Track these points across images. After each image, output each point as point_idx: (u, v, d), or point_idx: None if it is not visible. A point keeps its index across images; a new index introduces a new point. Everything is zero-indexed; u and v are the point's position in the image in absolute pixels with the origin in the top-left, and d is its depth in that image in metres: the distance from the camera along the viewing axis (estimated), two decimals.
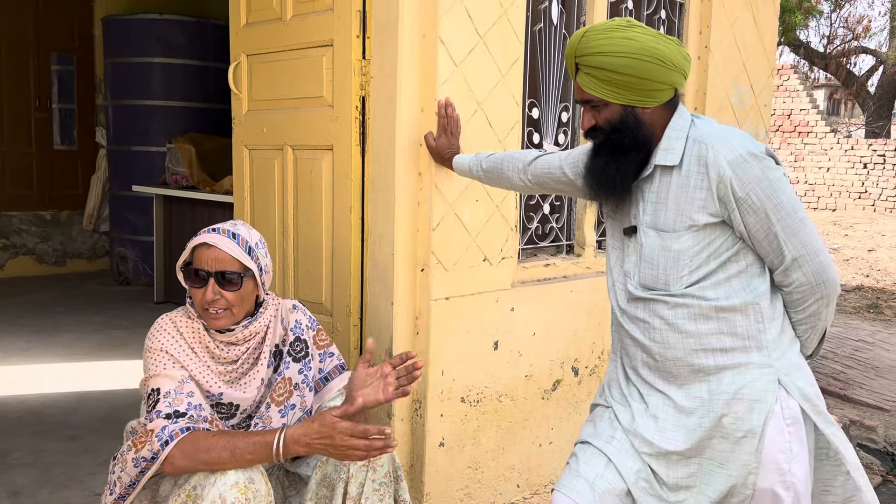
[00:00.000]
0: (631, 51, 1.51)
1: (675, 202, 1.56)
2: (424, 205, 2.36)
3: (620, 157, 1.58)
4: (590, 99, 1.58)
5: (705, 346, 1.58)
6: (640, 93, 1.54)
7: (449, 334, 2.45)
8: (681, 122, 1.58)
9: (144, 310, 5.19)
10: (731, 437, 1.58)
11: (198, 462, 1.62)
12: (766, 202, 1.49)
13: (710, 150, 1.51)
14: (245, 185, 2.83)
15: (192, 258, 1.82)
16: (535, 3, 2.74)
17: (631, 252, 1.65)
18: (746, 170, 1.49)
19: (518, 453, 2.77)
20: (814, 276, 1.54)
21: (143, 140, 5.92)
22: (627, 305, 1.68)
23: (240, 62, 2.77)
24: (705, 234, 1.54)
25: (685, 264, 1.56)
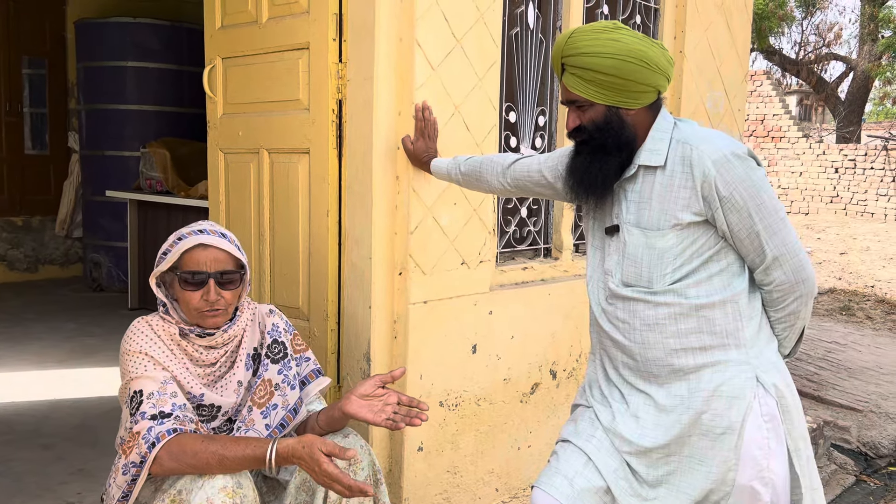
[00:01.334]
0: (617, 52, 1.53)
1: (660, 201, 1.58)
2: (402, 208, 2.35)
3: (603, 156, 1.59)
4: (575, 99, 1.60)
5: (685, 346, 1.60)
6: (625, 94, 1.56)
7: (427, 338, 2.44)
8: (664, 124, 1.61)
9: (118, 316, 5.12)
10: (710, 433, 1.59)
11: (184, 465, 1.60)
12: (749, 201, 1.52)
13: (694, 150, 1.54)
14: (220, 189, 2.80)
15: (180, 262, 1.77)
16: (511, 7, 2.75)
17: (612, 251, 1.66)
18: (730, 169, 1.52)
19: (497, 457, 2.76)
20: (793, 275, 1.57)
21: (116, 145, 5.85)
22: (607, 304, 1.69)
23: (215, 65, 2.75)
24: (689, 232, 1.57)
25: (669, 262, 1.58)
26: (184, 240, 1.77)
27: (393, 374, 1.85)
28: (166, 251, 1.79)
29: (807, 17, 19.32)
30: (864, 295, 7.35)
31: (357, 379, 2.41)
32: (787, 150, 13.79)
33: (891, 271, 8.22)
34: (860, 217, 12.67)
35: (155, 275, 1.79)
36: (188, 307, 1.78)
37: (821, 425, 3.85)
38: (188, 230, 1.81)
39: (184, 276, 1.76)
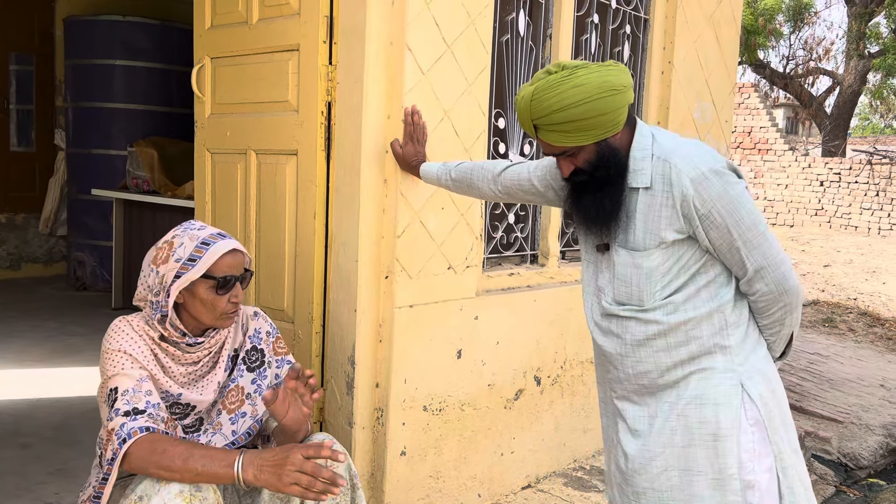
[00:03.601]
0: (587, 96, 1.52)
1: (644, 221, 1.59)
2: (390, 212, 2.35)
3: (609, 188, 1.59)
4: (562, 150, 1.59)
5: (675, 360, 1.62)
6: (607, 126, 1.56)
7: (412, 342, 2.43)
8: (643, 141, 1.60)
9: (102, 316, 5.07)
10: (703, 443, 1.61)
11: (151, 464, 1.59)
12: (728, 218, 1.52)
13: (672, 168, 1.54)
14: (207, 190, 2.79)
15: (212, 268, 1.76)
16: (502, 14, 2.76)
17: (604, 268, 1.69)
18: (708, 187, 1.52)
19: (480, 463, 2.76)
20: (776, 286, 1.58)
21: (103, 143, 5.81)
22: (601, 320, 1.72)
23: (203, 65, 2.74)
24: (674, 250, 1.58)
25: (657, 280, 1.60)
26: (213, 245, 1.76)
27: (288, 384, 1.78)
28: (193, 257, 1.75)
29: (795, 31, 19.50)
30: (847, 307, 7.41)
31: (341, 384, 2.40)
32: (773, 162, 13.90)
33: (873, 284, 8.29)
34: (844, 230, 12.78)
35: (187, 281, 1.74)
36: (214, 311, 1.78)
37: (802, 436, 3.88)
38: (205, 234, 1.79)
39: (220, 280, 1.76)
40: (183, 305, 1.80)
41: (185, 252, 1.76)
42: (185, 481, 1.58)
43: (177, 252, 1.77)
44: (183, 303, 1.79)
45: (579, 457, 3.29)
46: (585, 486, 3.06)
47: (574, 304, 3.11)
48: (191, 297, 1.78)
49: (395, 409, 2.41)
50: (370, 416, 2.42)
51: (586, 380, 3.25)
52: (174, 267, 1.75)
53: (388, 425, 2.41)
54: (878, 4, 16.19)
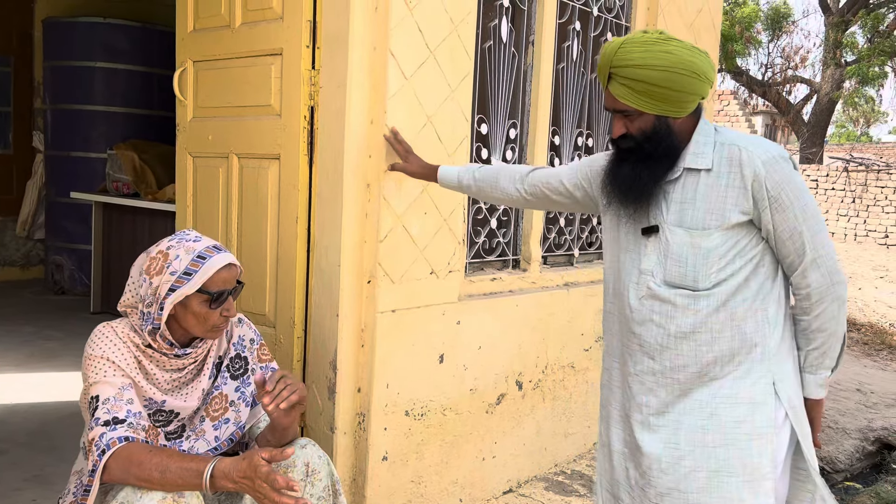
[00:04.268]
0: (670, 65, 1.55)
1: (705, 201, 1.60)
2: (372, 216, 2.35)
3: (652, 164, 1.61)
4: (623, 109, 1.61)
5: (715, 354, 1.62)
6: (675, 104, 1.58)
7: (395, 347, 2.43)
8: (706, 128, 1.64)
9: (80, 320, 5.02)
10: (737, 443, 1.61)
11: (129, 475, 1.58)
12: (795, 202, 1.56)
13: (743, 151, 1.57)
14: (188, 193, 2.77)
15: (208, 282, 1.75)
16: (485, 21, 2.77)
17: (650, 251, 1.67)
18: (778, 170, 1.56)
19: (461, 467, 2.76)
20: (829, 277, 1.59)
21: (82, 146, 5.76)
22: (640, 305, 1.68)
23: (185, 68, 2.73)
24: (733, 232, 1.59)
25: (714, 262, 1.59)
26: (210, 259, 1.75)
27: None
28: (189, 271, 1.73)
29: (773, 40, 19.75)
30: None
31: (323, 389, 2.39)
32: None
33: (850, 290, 8.40)
34: None
35: (182, 295, 1.73)
36: (205, 324, 1.77)
37: None
38: (201, 246, 1.78)
39: (215, 295, 1.75)
40: (174, 317, 1.78)
41: (180, 265, 1.74)
42: (165, 490, 1.57)
43: (172, 264, 1.75)
44: (174, 315, 1.77)
45: (560, 461, 3.30)
46: (566, 490, 3.07)
47: (555, 309, 3.12)
48: (183, 310, 1.76)
49: (377, 413, 2.41)
50: (352, 422, 2.41)
51: (567, 384, 3.26)
52: (169, 280, 1.74)
53: (370, 430, 2.40)
54: (854, 14, 16.46)
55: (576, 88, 3.28)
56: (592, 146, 3.42)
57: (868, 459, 4.43)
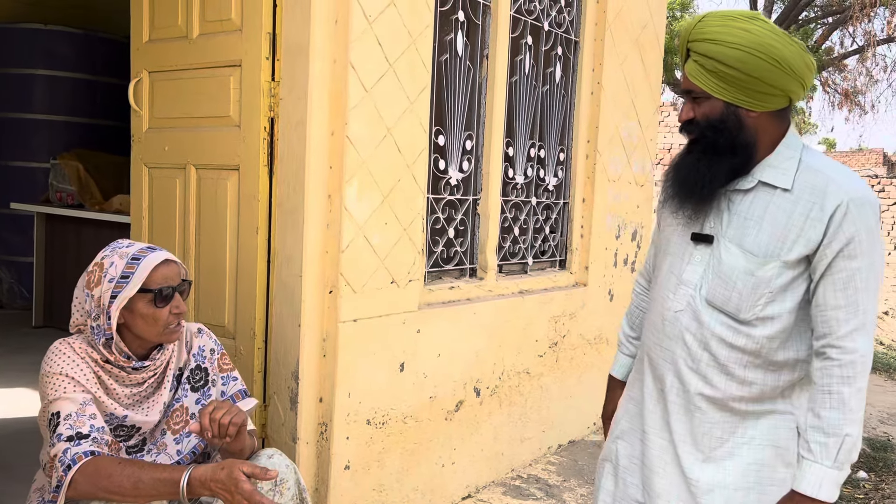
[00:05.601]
0: (745, 44, 1.39)
1: (773, 225, 1.43)
2: (334, 227, 2.37)
3: (713, 157, 1.46)
4: (691, 89, 1.47)
5: (744, 395, 1.49)
6: (748, 92, 1.42)
7: (356, 356, 2.45)
8: (794, 142, 1.47)
9: (21, 335, 4.86)
10: (757, 486, 1.50)
11: (98, 489, 1.57)
12: (868, 255, 1.39)
13: (831, 182, 1.40)
14: (143, 205, 2.74)
15: (147, 281, 1.74)
16: (441, 35, 2.83)
17: (697, 261, 1.52)
18: (864, 214, 1.39)
19: (422, 474, 2.79)
20: (870, 347, 1.43)
21: (23, 155, 5.59)
22: (676, 319, 1.53)
23: (141, 79, 2.70)
24: (790, 267, 1.43)
25: (763, 294, 1.44)
26: (144, 259, 1.75)
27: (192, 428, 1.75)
28: (126, 274, 1.73)
29: None
30: None
31: (285, 399, 2.40)
32: None
33: None
34: None
35: (125, 298, 1.72)
36: (157, 325, 1.76)
37: None
38: (134, 249, 1.78)
39: (157, 292, 1.74)
40: (125, 325, 1.77)
41: (116, 271, 1.74)
42: (137, 502, 1.56)
43: (108, 272, 1.75)
44: (124, 322, 1.77)
45: (517, 466, 3.36)
46: (523, 494, 3.13)
47: (511, 316, 3.19)
48: (131, 316, 1.76)
49: (339, 423, 2.42)
50: (314, 431, 2.42)
51: (523, 390, 3.33)
52: (108, 287, 1.73)
53: (333, 440, 2.42)
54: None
55: (528, 100, 3.36)
56: (544, 157, 3.50)
57: None
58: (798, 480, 1.42)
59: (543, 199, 3.53)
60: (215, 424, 1.69)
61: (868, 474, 4.22)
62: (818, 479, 1.40)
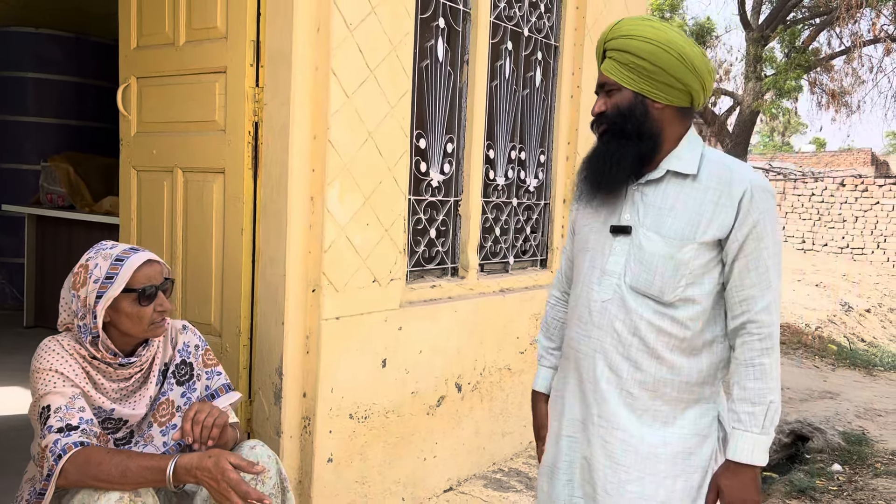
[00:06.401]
0: (655, 38, 1.55)
1: (686, 211, 1.55)
2: (316, 227, 2.45)
3: (621, 140, 1.58)
4: (605, 82, 1.60)
5: (673, 377, 1.58)
6: (655, 84, 1.56)
7: (339, 353, 2.54)
8: (696, 139, 1.62)
9: (13, 335, 4.92)
10: (684, 473, 1.58)
11: (88, 477, 1.64)
12: (771, 235, 1.53)
13: (735, 172, 1.55)
14: (132, 207, 2.82)
15: (130, 281, 1.82)
16: (422, 41, 2.92)
17: (618, 252, 1.61)
18: (765, 199, 1.54)
19: (404, 467, 2.88)
20: (775, 317, 1.55)
21: (13, 157, 5.66)
22: (604, 309, 1.62)
23: (129, 84, 2.78)
24: (706, 249, 1.55)
25: (683, 275, 1.55)
26: (127, 260, 1.83)
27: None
28: (110, 275, 1.81)
29: None
30: None
31: (269, 394, 2.48)
32: None
33: None
34: None
35: (110, 298, 1.80)
36: (141, 323, 1.83)
37: None
38: (117, 250, 1.85)
39: (141, 291, 1.82)
40: (111, 323, 1.85)
41: (101, 272, 1.82)
42: (125, 489, 1.65)
43: (93, 273, 1.83)
44: (110, 321, 1.85)
45: (498, 459, 3.45)
46: (504, 486, 3.22)
47: (492, 314, 3.28)
48: (116, 314, 1.84)
49: (322, 417, 2.51)
50: (298, 425, 2.50)
51: (504, 386, 3.42)
52: (94, 288, 1.81)
53: (316, 433, 2.50)
54: (773, 30, 17.30)
55: (508, 104, 3.45)
56: (525, 159, 3.60)
57: (785, 451, 4.74)
58: (732, 450, 1.53)
59: (524, 200, 3.63)
60: (198, 427, 1.76)
61: (843, 467, 4.33)
62: (751, 446, 1.51)
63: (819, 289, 9.09)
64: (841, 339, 7.71)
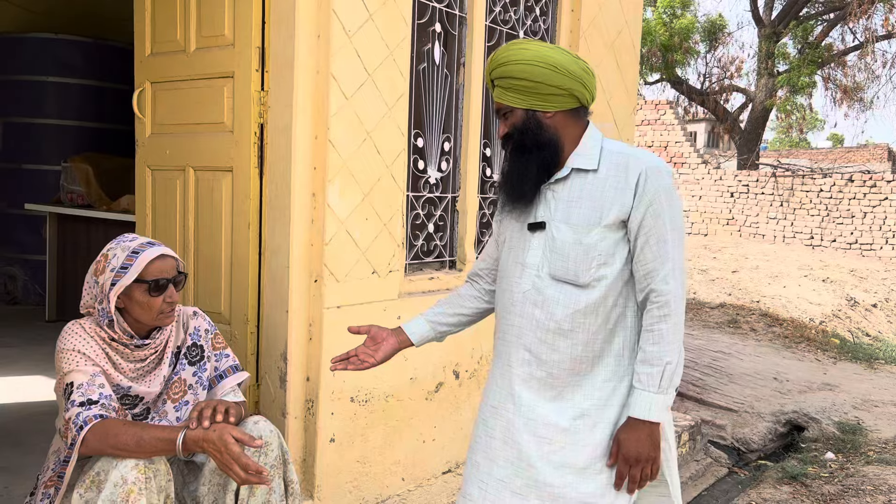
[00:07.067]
0: (525, 58, 1.70)
1: (591, 200, 1.71)
2: (318, 222, 2.62)
3: (523, 153, 1.73)
4: (499, 108, 1.77)
5: (588, 352, 1.73)
6: (538, 97, 1.71)
7: (340, 340, 2.70)
8: (595, 134, 1.77)
9: (36, 328, 5.14)
10: (605, 441, 1.73)
11: (106, 446, 1.82)
12: (668, 210, 1.68)
13: (631, 158, 1.71)
14: (147, 204, 3.00)
15: (143, 272, 1.98)
16: (419, 45, 3.07)
17: (535, 246, 1.76)
18: (660, 178, 1.69)
19: (403, 449, 3.04)
20: (683, 288, 1.70)
21: (34, 158, 5.87)
22: (525, 298, 1.76)
23: (144, 89, 2.96)
24: (611, 231, 1.69)
25: (594, 257, 1.69)
26: (142, 253, 2.00)
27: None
28: (125, 265, 1.98)
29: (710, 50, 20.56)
30: (751, 309, 8.00)
31: (275, 378, 2.65)
32: (687, 175, 14.71)
33: (775, 288, 8.95)
34: (753, 238, 13.63)
35: (122, 286, 1.97)
36: (151, 312, 2.01)
37: (699, 423, 4.29)
38: (135, 243, 2.03)
39: (152, 283, 1.99)
40: (125, 310, 2.03)
41: (118, 262, 2.00)
42: (140, 457, 1.82)
43: (111, 262, 2.01)
44: (124, 307, 2.03)
45: None
46: None
47: None
48: (129, 301, 2.02)
49: (324, 400, 2.68)
50: (302, 407, 2.67)
51: None
52: (110, 276, 2.00)
53: (319, 415, 2.67)
54: (786, 26, 17.30)
55: None
56: None
57: (780, 440, 4.86)
58: (632, 407, 1.69)
59: None
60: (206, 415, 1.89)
61: (836, 455, 4.44)
62: (647, 404, 1.68)
63: (825, 284, 9.17)
64: (845, 333, 7.79)
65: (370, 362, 1.99)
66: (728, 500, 3.85)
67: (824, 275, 9.62)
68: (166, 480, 1.88)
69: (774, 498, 3.77)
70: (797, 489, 3.88)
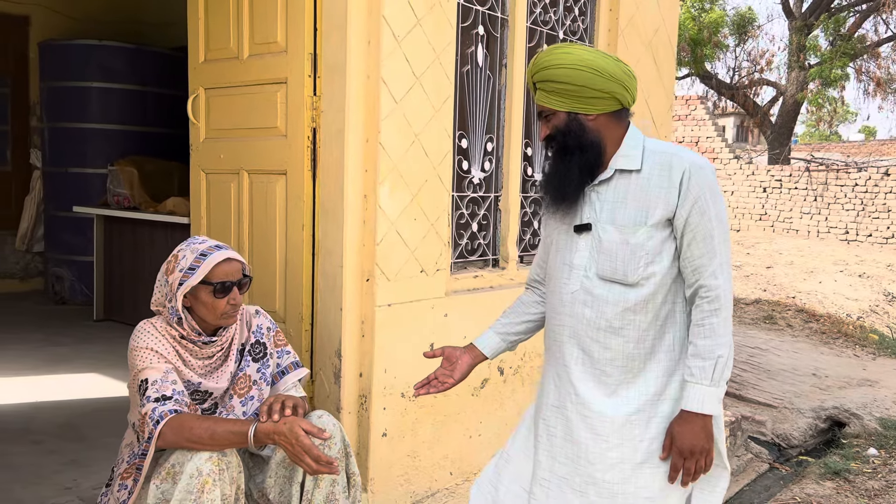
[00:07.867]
0: (568, 62, 1.73)
1: (635, 200, 1.74)
2: (370, 223, 2.70)
3: (566, 156, 1.76)
4: (542, 110, 1.81)
5: (639, 350, 1.76)
6: (581, 100, 1.74)
7: (391, 337, 2.78)
8: (636, 135, 1.80)
9: (85, 327, 5.30)
10: (661, 435, 1.76)
11: (182, 439, 1.91)
12: (713, 207, 1.71)
13: (674, 157, 1.73)
14: (202, 206, 3.10)
15: (209, 275, 2.07)
16: (463, 48, 3.14)
17: (582, 247, 1.80)
18: (704, 176, 1.72)
19: (451, 444, 3.11)
20: (730, 283, 1.74)
21: (80, 162, 6.04)
22: (574, 299, 1.80)
23: (198, 95, 3.06)
24: (657, 230, 1.72)
25: (641, 256, 1.72)
26: (210, 255, 2.08)
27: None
28: (193, 266, 2.07)
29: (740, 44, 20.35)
30: (786, 305, 7.96)
31: (329, 374, 2.74)
32: (719, 170, 14.61)
33: (811, 284, 8.88)
34: (786, 234, 13.50)
35: (188, 287, 2.06)
36: (215, 312, 2.09)
37: (739, 419, 4.31)
38: (204, 246, 2.12)
39: (217, 286, 2.07)
40: (191, 308, 2.12)
41: (186, 263, 2.10)
42: (213, 450, 1.91)
43: (180, 263, 2.10)
44: (190, 306, 2.12)
45: None
46: None
47: None
48: (195, 301, 2.11)
49: (376, 395, 2.75)
50: (355, 402, 2.76)
51: None
52: (178, 276, 2.09)
53: (371, 410, 2.75)
54: (816, 18, 17.07)
55: None
56: None
57: (820, 436, 4.85)
58: (685, 401, 1.73)
59: None
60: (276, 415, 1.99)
61: (878, 451, 4.43)
62: (701, 397, 1.71)
63: (862, 279, 9.07)
64: (883, 329, 7.71)
65: (450, 382, 2.07)
66: (770, 495, 3.86)
67: (860, 270, 9.51)
68: (238, 472, 1.97)
69: (818, 493, 3.78)
70: (840, 485, 3.88)
